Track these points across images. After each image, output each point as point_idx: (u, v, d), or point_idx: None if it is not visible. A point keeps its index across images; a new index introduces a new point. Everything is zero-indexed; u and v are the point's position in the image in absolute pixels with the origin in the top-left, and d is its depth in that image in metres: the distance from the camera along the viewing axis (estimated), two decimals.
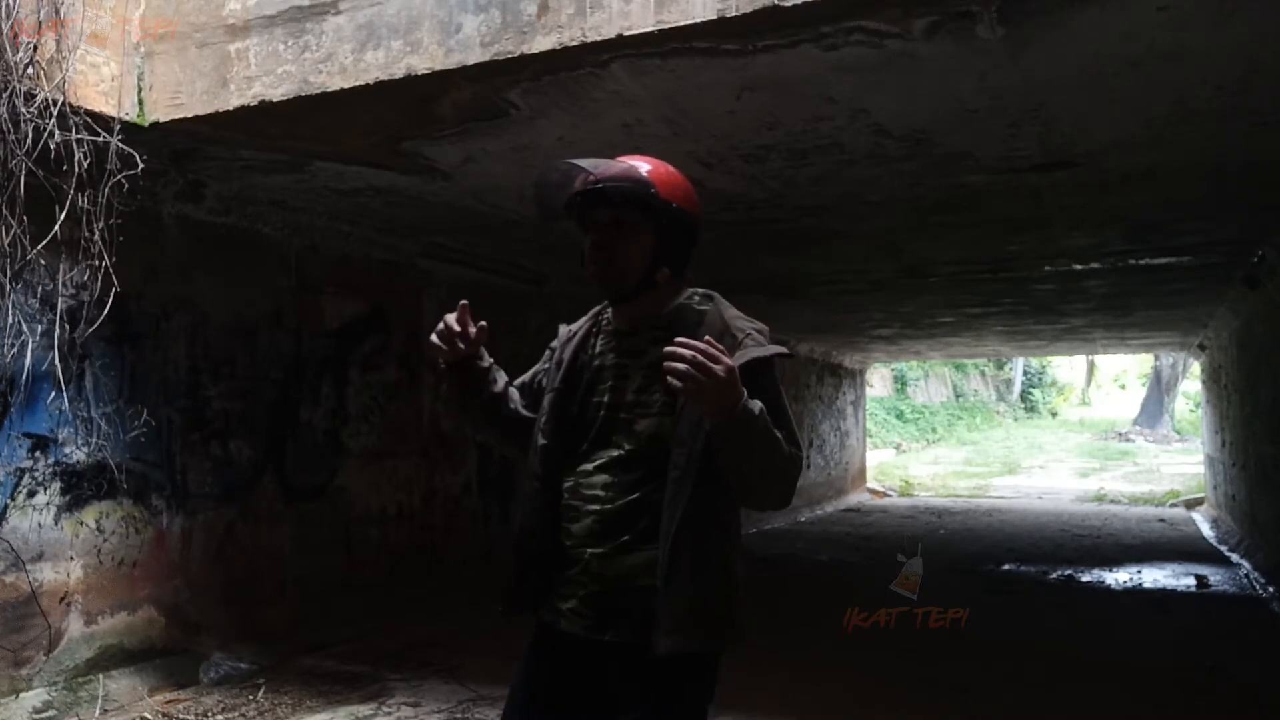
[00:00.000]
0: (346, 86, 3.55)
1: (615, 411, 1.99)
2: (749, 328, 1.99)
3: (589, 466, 1.98)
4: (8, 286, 3.80)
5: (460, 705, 4.32)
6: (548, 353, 2.19)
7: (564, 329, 2.19)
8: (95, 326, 4.21)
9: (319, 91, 3.61)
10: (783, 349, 2.00)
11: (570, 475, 2.01)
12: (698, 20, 2.99)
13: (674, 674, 1.88)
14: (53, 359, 4.03)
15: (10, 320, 3.90)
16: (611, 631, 1.91)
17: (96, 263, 3.94)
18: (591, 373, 2.05)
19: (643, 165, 2.01)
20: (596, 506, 1.95)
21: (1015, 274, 7.74)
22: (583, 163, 1.98)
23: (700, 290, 2.10)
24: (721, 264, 6.91)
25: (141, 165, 3.87)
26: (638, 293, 2.01)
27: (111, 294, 4.09)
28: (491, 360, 2.16)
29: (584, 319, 2.16)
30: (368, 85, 3.52)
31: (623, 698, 1.93)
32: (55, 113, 3.59)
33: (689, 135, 4.08)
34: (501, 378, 2.18)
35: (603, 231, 1.99)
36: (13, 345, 3.92)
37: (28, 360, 3.95)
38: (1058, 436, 28.56)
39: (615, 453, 1.96)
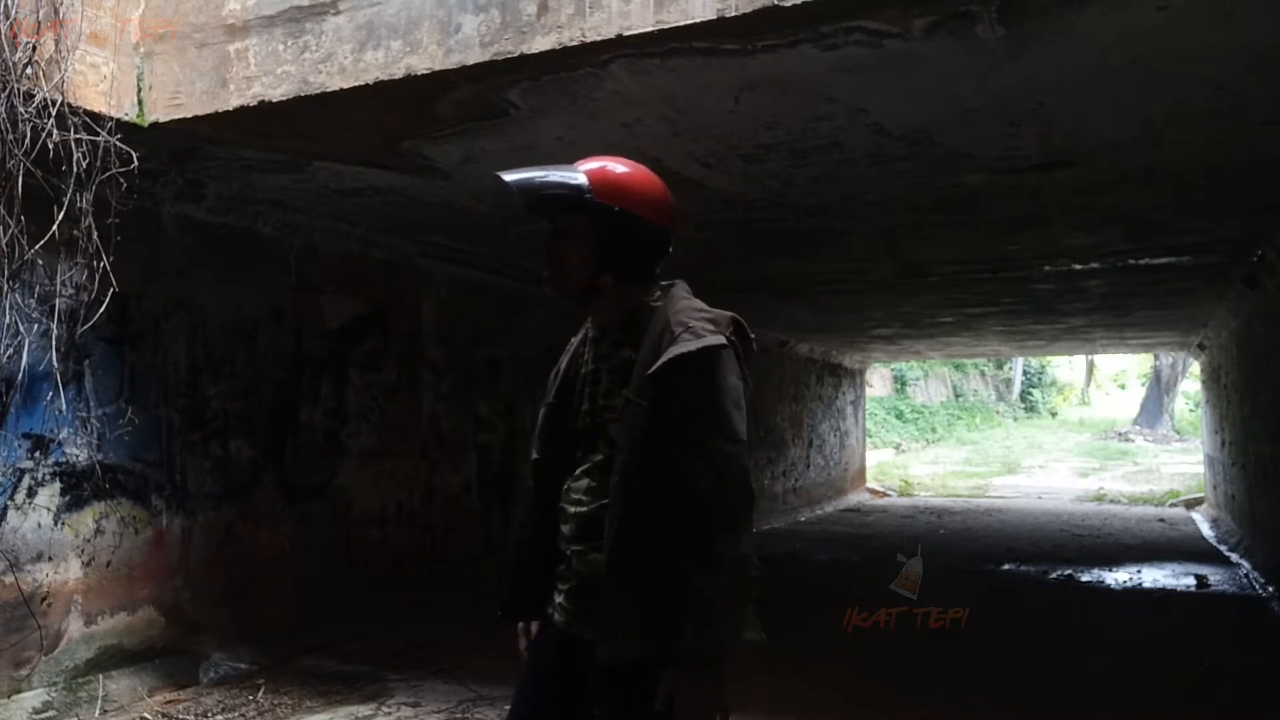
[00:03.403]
0: (346, 86, 3.56)
1: (594, 417, 2.01)
2: (692, 320, 1.87)
3: (578, 472, 2.03)
4: (5, 286, 3.80)
5: (460, 705, 4.32)
6: (554, 372, 2.21)
7: (572, 341, 2.21)
8: (94, 326, 4.20)
9: (318, 91, 3.61)
10: (719, 340, 1.85)
11: (567, 481, 2.05)
12: (697, 20, 2.99)
13: (634, 680, 1.84)
14: (52, 359, 4.03)
15: (8, 320, 3.90)
16: (585, 628, 1.94)
17: (95, 263, 3.94)
18: (580, 380, 2.07)
19: (611, 166, 1.98)
20: (576, 510, 1.99)
21: (1015, 274, 7.74)
22: (516, 173, 1.93)
23: (664, 283, 2.04)
24: (721, 264, 6.91)
25: (140, 165, 3.87)
26: (587, 298, 2.02)
27: (111, 294, 4.09)
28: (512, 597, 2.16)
29: (581, 331, 2.17)
30: (367, 85, 3.52)
31: (607, 690, 1.93)
32: (54, 113, 3.59)
33: (689, 135, 4.08)
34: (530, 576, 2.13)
35: (551, 236, 2.01)
36: (10, 345, 3.92)
37: (24, 360, 3.94)
38: (1057, 436, 28.55)
39: (597, 457, 1.99)
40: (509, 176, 1.91)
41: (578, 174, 1.95)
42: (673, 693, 1.79)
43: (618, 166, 2.01)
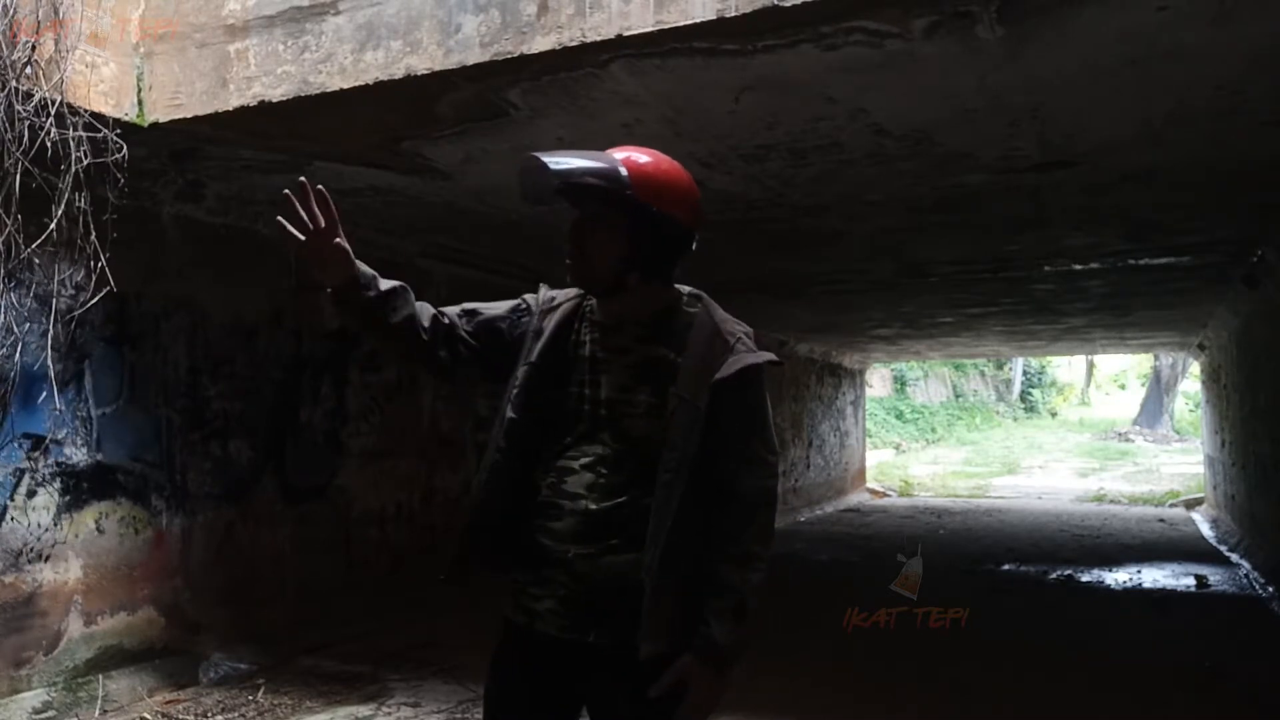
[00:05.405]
0: (346, 87, 3.56)
1: (597, 408, 1.93)
2: (739, 331, 1.95)
3: (573, 465, 1.92)
4: (3, 286, 3.80)
5: (460, 705, 4.32)
6: (520, 303, 2.09)
7: (546, 291, 2.09)
8: (94, 326, 4.21)
9: (318, 92, 3.61)
10: (773, 356, 1.97)
11: (550, 472, 1.94)
12: (697, 20, 2.99)
13: (654, 673, 1.84)
14: (52, 359, 4.03)
15: (5, 320, 3.90)
16: (595, 633, 1.87)
17: (93, 263, 3.94)
18: (571, 360, 1.98)
19: (639, 157, 1.91)
20: (581, 505, 1.89)
21: (1015, 274, 7.74)
22: (556, 157, 1.87)
23: (688, 290, 2.03)
24: (721, 264, 6.91)
25: (140, 165, 3.87)
26: (611, 292, 1.94)
27: (110, 294, 4.09)
28: (370, 274, 2.03)
29: (569, 294, 2.05)
30: (367, 85, 3.52)
31: (607, 699, 1.91)
32: (53, 112, 3.59)
33: (689, 135, 4.08)
34: (391, 290, 2.05)
35: (579, 225, 1.94)
36: (8, 346, 3.92)
37: (18, 359, 3.94)
38: (1057, 436, 28.55)
39: (601, 451, 1.91)
40: (547, 158, 1.84)
41: (618, 166, 1.86)
42: (693, 683, 1.83)
43: (656, 160, 1.93)
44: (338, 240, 1.95)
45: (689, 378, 1.87)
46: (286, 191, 1.92)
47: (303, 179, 1.94)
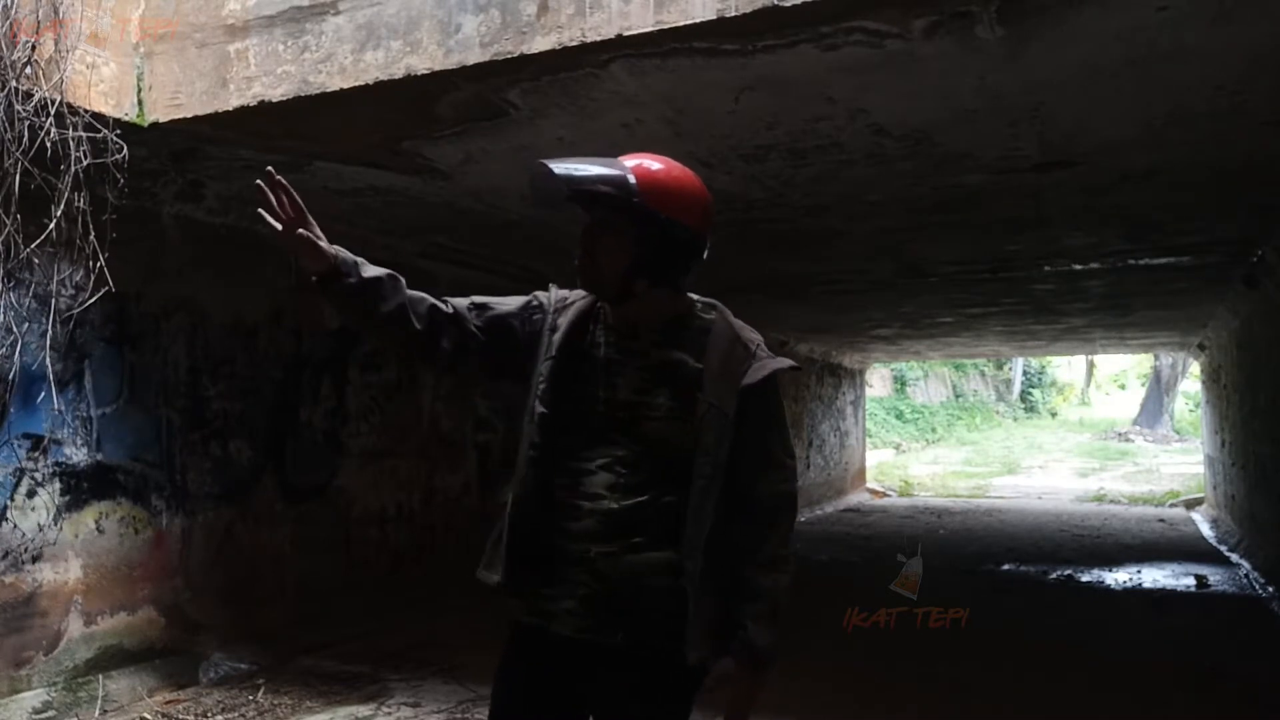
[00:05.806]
0: (346, 87, 3.56)
1: (614, 410, 1.92)
2: (756, 338, 2.00)
3: (589, 465, 1.91)
4: (2, 286, 3.80)
5: (460, 705, 4.32)
6: (532, 299, 2.08)
7: (556, 291, 2.09)
8: (94, 326, 4.21)
9: (318, 92, 3.61)
10: (793, 362, 2.06)
11: (564, 473, 1.94)
12: (697, 20, 2.99)
13: (696, 677, 1.91)
14: (52, 359, 4.04)
15: (5, 320, 3.90)
16: (621, 634, 1.86)
17: (92, 263, 3.94)
18: (586, 361, 1.97)
19: (651, 165, 1.92)
20: (603, 505, 1.89)
21: (1015, 274, 7.74)
22: (566, 163, 1.89)
23: (702, 298, 2.04)
24: (721, 264, 6.89)
25: (140, 165, 3.87)
26: (620, 298, 1.94)
27: (110, 294, 4.08)
28: (351, 260, 1.94)
29: (580, 295, 2.05)
30: (367, 85, 3.52)
31: (617, 699, 1.91)
32: (53, 112, 3.59)
33: (689, 135, 4.08)
34: (376, 279, 1.97)
35: (589, 230, 1.94)
36: (8, 346, 3.91)
37: (17, 359, 3.94)
38: (1057, 436, 28.54)
39: (619, 452, 1.90)
40: (555, 165, 1.85)
41: (627, 174, 1.88)
42: (736, 686, 1.88)
43: (668, 168, 1.94)
44: (301, 231, 1.89)
45: (715, 384, 1.90)
46: (259, 182, 1.88)
47: (269, 168, 1.91)
